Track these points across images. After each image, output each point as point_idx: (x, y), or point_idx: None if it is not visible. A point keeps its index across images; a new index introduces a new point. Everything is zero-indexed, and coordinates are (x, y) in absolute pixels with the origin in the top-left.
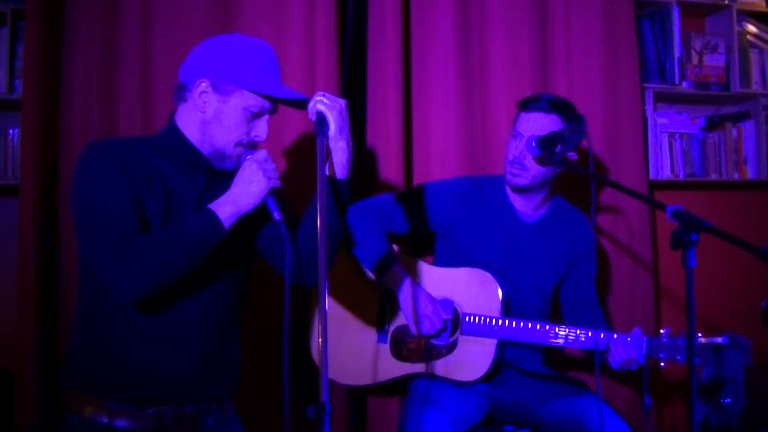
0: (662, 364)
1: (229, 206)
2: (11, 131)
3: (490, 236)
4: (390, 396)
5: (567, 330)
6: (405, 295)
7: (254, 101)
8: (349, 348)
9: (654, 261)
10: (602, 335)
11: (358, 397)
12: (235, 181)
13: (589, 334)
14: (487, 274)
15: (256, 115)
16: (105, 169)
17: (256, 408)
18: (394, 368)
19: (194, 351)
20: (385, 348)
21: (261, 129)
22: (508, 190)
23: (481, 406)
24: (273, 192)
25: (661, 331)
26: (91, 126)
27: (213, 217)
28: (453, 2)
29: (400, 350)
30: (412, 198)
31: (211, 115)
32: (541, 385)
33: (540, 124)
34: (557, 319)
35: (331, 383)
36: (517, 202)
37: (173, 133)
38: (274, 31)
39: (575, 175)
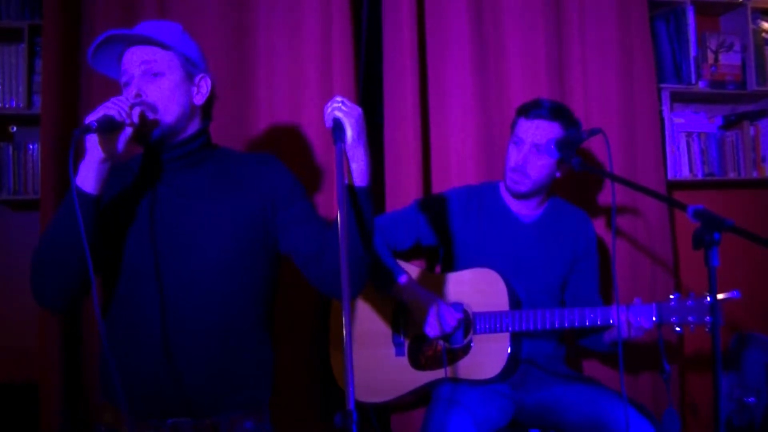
0: (678, 329)
1: (81, 168)
2: (31, 146)
3: (491, 241)
4: (413, 409)
5: (574, 313)
6: (416, 301)
7: (114, 73)
8: (369, 367)
9: (674, 261)
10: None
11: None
12: None
13: (597, 311)
14: (490, 270)
15: (126, 84)
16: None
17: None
18: (414, 378)
19: (202, 362)
20: (404, 360)
21: (130, 90)
22: (504, 194)
23: (506, 410)
24: (106, 123)
25: (670, 296)
26: None
27: (73, 186)
28: (468, 7)
29: (418, 360)
30: (410, 214)
31: None
32: (564, 387)
33: (542, 131)
34: None
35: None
36: (514, 204)
37: None
38: (289, 40)
39: (575, 177)
